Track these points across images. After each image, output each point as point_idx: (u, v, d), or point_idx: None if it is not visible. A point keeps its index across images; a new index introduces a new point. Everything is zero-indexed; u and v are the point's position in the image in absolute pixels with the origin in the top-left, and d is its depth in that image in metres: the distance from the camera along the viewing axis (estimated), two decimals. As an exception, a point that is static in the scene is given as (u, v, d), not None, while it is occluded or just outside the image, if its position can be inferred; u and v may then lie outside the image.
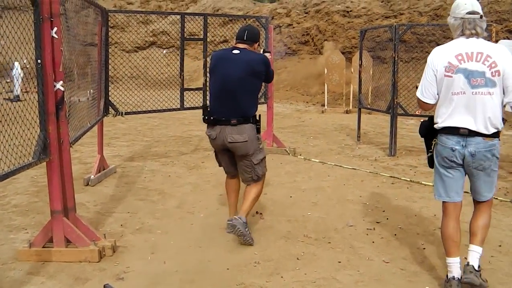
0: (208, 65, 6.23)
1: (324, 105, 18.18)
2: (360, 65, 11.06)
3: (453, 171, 4.16)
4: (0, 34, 3.93)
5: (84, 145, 10.17)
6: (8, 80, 18.48)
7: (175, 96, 9.19)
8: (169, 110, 9.00)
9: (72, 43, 5.80)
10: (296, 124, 14.50)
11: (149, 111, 8.94)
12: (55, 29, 4.51)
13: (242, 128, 5.11)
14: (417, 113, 10.49)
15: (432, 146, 4.29)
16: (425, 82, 4.16)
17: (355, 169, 8.59)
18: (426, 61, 4.18)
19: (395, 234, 5.50)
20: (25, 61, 4.85)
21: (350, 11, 22.48)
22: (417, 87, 4.30)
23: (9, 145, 4.37)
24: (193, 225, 5.83)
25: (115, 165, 8.73)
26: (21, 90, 18.03)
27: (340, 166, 8.81)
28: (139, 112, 8.73)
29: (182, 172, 8.41)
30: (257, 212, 6.23)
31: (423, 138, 4.44)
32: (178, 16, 8.95)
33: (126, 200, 6.82)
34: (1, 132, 4.29)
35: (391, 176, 8.08)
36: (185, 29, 8.99)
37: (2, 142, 4.23)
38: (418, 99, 4.26)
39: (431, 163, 4.39)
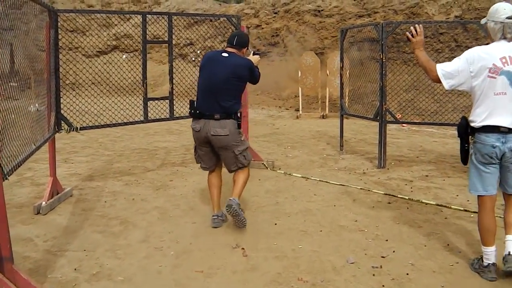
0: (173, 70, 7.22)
1: (298, 110, 17.22)
2: (342, 68, 10.13)
3: (491, 166, 4.44)
4: None
5: (39, 161, 9.08)
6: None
7: (139, 105, 8.19)
8: (131, 123, 7.96)
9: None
10: (270, 131, 13.49)
11: (108, 125, 7.85)
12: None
13: (224, 123, 5.65)
14: (399, 119, 9.65)
15: (468, 145, 4.54)
16: (453, 69, 4.45)
17: (343, 185, 7.65)
18: (402, 61, 3.85)
19: (407, 274, 4.56)
20: None
21: (322, 10, 21.59)
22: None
23: None
24: (162, 267, 4.80)
25: (72, 186, 7.67)
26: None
27: (326, 182, 7.86)
28: (97, 127, 7.65)
29: (147, 193, 7.38)
30: (237, 246, 5.26)
31: (459, 138, 4.63)
32: (141, 18, 7.98)
33: (82, 232, 5.78)
34: None
35: (386, 194, 7.16)
36: (148, 32, 8.00)
37: None
38: (434, 71, 4.53)
39: (465, 160, 4.62)
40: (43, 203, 6.48)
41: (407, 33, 4.92)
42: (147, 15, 7.85)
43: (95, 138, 12.10)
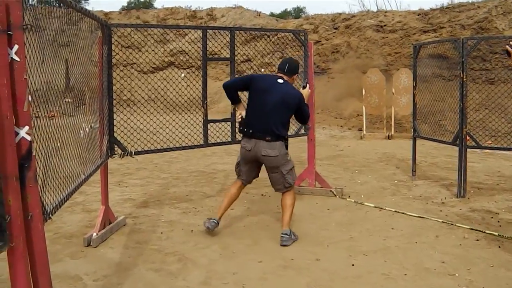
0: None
1: (362, 130, 16.41)
2: (415, 87, 9.36)
3: None
4: None
5: (91, 183, 8.47)
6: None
7: (195, 124, 7.65)
8: (190, 147, 7.32)
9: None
10: (334, 153, 12.69)
11: (165, 150, 7.26)
12: (15, 47, 2.92)
13: (273, 144, 5.90)
14: (488, 144, 8.81)
15: None
16: None
17: (422, 217, 6.87)
18: (471, 79, 3.21)
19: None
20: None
21: (384, 25, 20.77)
22: None
23: None
24: (227, 319, 4.17)
25: (125, 214, 7.12)
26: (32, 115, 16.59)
27: (403, 213, 7.09)
28: (152, 151, 7.06)
29: (207, 224, 6.75)
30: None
31: None
32: (198, 34, 7.40)
33: (136, 270, 5.19)
34: None
35: (471, 229, 6.35)
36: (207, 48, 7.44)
37: None
38: None
39: None
40: (94, 234, 5.94)
41: (507, 46, 4.26)
42: (207, 30, 7.25)
43: (150, 158, 11.55)
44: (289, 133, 7.48)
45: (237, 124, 6.66)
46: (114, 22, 25.00)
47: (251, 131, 5.95)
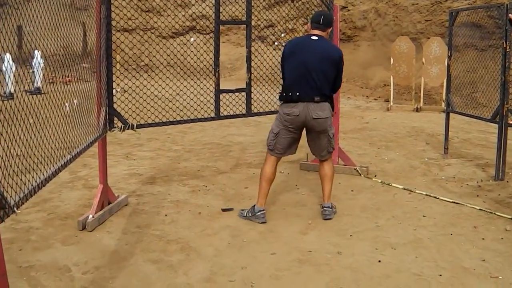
0: (251, 55, 6.51)
1: (389, 101, 15.57)
2: (450, 57, 8.56)
3: None
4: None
5: (97, 156, 7.92)
6: (32, 70, 16.79)
7: (210, 92, 6.96)
8: (200, 120, 6.65)
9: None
10: (359, 126, 11.91)
11: (171, 122, 6.54)
12: None
13: (323, 105, 5.47)
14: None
15: None
16: None
17: (457, 203, 6.14)
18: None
19: None
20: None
21: (415, -9, 19.80)
22: None
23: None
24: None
25: (128, 192, 6.52)
26: (46, 80, 16.09)
27: (435, 197, 6.37)
28: (157, 124, 6.34)
29: (217, 205, 6.10)
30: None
31: None
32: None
33: (132, 261, 4.57)
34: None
35: (515, 219, 5.62)
36: (226, 13, 6.96)
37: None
38: None
39: None
40: (90, 216, 5.33)
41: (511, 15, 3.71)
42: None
43: (163, 128, 10.83)
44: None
45: None
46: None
47: (297, 94, 5.42)
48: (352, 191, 6.66)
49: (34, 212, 5.84)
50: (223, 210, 5.77)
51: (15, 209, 2.90)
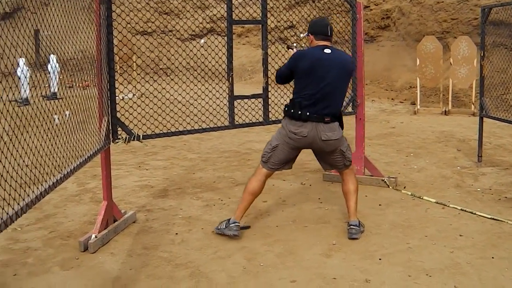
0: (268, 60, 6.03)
1: (415, 104, 14.98)
2: (483, 57, 7.98)
3: None
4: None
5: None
6: (49, 75, 16.56)
7: (223, 98, 6.34)
8: (212, 129, 6.14)
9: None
10: (385, 131, 11.32)
11: (181, 132, 5.98)
12: None
13: (333, 126, 5.09)
14: None
15: None
16: None
17: (496, 220, 5.56)
18: None
19: None
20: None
21: (440, -12, 19.21)
22: None
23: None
24: None
25: (138, 207, 6.06)
26: (64, 85, 15.83)
27: (471, 212, 5.79)
28: (165, 135, 5.81)
29: (232, 222, 5.59)
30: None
31: None
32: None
33: (135, 291, 4.09)
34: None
35: (563, 240, 5.04)
36: (243, 14, 6.49)
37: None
38: None
39: None
40: (93, 236, 4.86)
41: None
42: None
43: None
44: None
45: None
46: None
47: (308, 113, 4.98)
48: (379, 205, 6.11)
49: (35, 230, 5.43)
50: (240, 228, 5.26)
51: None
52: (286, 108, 5.13)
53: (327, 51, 5.04)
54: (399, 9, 20.13)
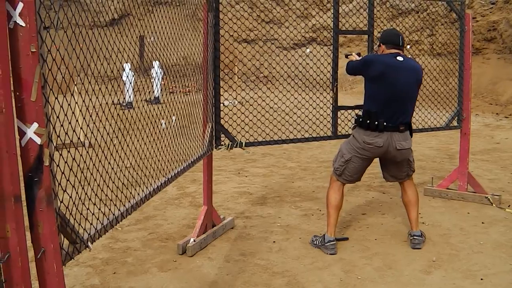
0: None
1: (522, 119, 14.46)
2: None
3: None
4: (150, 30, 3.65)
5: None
6: (152, 80, 17.07)
7: (327, 108, 6.20)
8: (315, 139, 6.11)
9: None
10: (489, 147, 10.94)
11: (284, 141, 5.96)
12: (19, 6, 1.89)
13: (407, 135, 5.10)
14: None
15: None
16: None
17: None
18: None
19: None
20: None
21: (552, 0, 18.51)
22: None
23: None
24: None
25: (236, 213, 6.11)
26: (166, 90, 16.30)
27: None
28: (267, 143, 5.84)
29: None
30: None
31: None
32: (342, 9, 6.17)
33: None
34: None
35: None
36: (347, 24, 6.42)
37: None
38: None
39: None
40: (192, 240, 4.94)
41: None
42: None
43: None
44: (438, 125, 6.81)
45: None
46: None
47: (384, 123, 4.95)
48: (482, 223, 5.90)
49: (135, 231, 5.57)
50: (337, 239, 5.20)
51: (88, 243, 2.50)
52: (361, 119, 5.10)
53: (400, 58, 5.04)
54: (507, 21, 19.50)
